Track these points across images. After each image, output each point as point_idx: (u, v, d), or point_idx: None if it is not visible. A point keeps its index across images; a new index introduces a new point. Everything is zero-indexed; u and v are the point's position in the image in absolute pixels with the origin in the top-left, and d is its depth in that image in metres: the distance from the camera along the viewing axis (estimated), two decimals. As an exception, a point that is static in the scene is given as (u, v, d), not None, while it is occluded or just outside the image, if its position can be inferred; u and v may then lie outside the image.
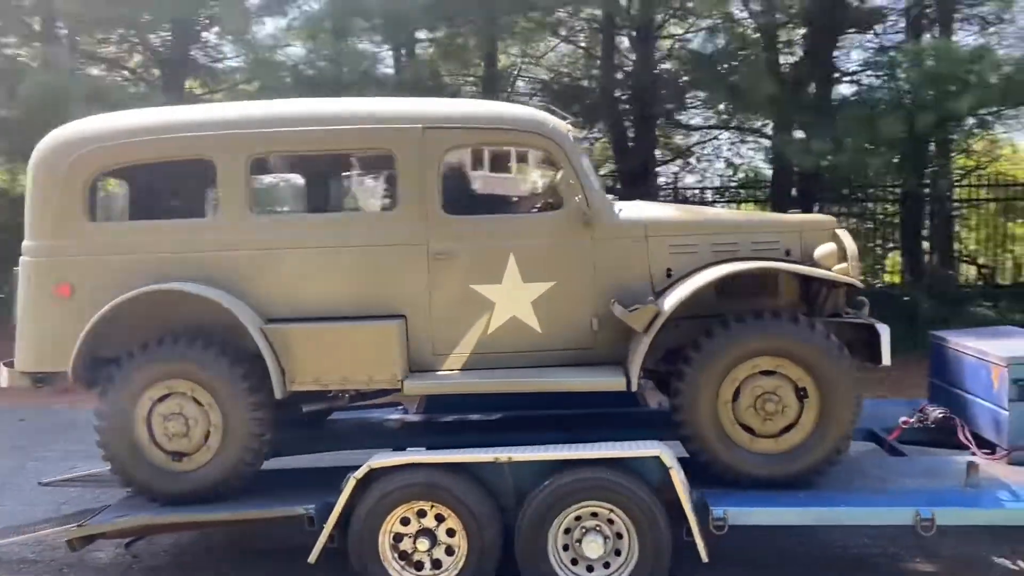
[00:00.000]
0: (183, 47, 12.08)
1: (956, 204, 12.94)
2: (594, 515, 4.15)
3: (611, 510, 4.12)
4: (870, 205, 13.51)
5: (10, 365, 4.98)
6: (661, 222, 4.67)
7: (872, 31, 12.39)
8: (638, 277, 4.58)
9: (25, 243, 4.73)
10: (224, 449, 4.46)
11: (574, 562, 4.17)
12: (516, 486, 4.21)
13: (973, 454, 4.72)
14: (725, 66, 11.65)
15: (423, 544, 4.16)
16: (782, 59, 11.88)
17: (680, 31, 13.18)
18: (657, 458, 4.08)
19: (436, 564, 4.21)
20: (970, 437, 4.85)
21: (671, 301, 4.27)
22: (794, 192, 12.40)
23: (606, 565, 4.15)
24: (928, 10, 11.68)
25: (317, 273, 4.54)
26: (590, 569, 4.16)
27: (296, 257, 4.54)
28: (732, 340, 4.25)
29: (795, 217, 5.03)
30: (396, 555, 4.21)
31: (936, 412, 5.10)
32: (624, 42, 13.00)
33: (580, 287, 4.55)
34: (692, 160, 14.83)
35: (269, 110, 4.77)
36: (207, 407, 4.46)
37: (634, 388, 4.32)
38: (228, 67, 13.03)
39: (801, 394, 4.29)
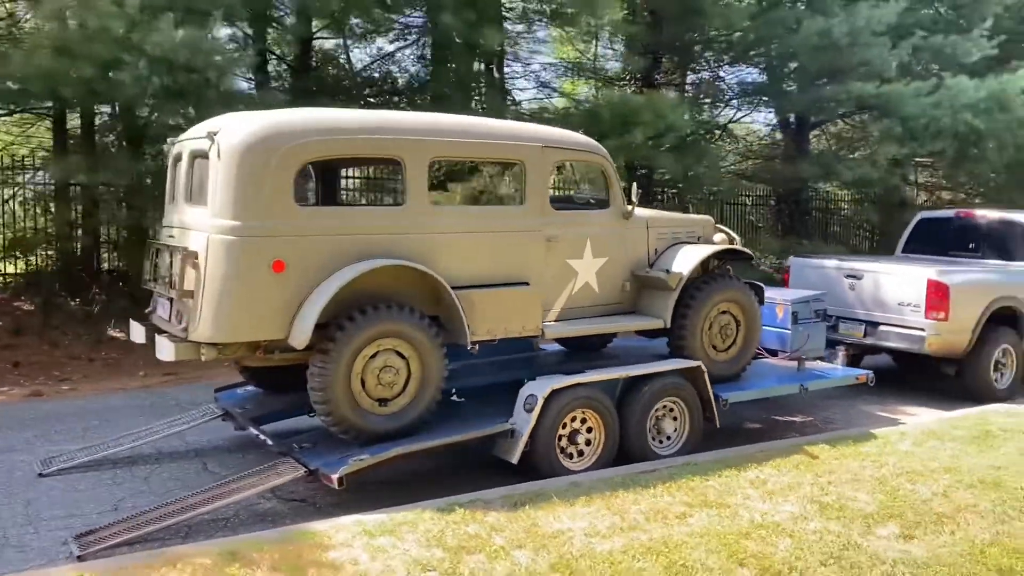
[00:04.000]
0: None
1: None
2: (664, 406, 6.45)
3: (675, 402, 6.47)
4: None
5: (177, 340, 5.27)
6: (653, 218, 7.08)
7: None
8: (642, 254, 6.93)
9: (227, 223, 5.12)
10: (422, 392, 5.62)
11: (653, 438, 6.41)
12: (620, 393, 6.27)
13: (766, 358, 8.10)
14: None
15: (580, 439, 5.99)
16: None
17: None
18: (696, 367, 6.56)
19: (580, 453, 6.06)
20: (762, 348, 8.23)
21: (687, 270, 6.72)
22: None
23: (668, 437, 6.49)
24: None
25: (473, 251, 5.91)
26: (661, 442, 6.45)
27: (460, 239, 5.85)
28: (712, 292, 6.89)
29: (699, 216, 7.79)
30: (559, 450, 5.95)
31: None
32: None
33: (620, 260, 6.72)
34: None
35: (443, 122, 5.90)
36: (409, 359, 5.55)
37: (668, 325, 6.68)
38: None
39: (737, 324, 7.13)
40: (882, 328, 9.05)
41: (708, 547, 4.56)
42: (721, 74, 17.87)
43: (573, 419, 6.01)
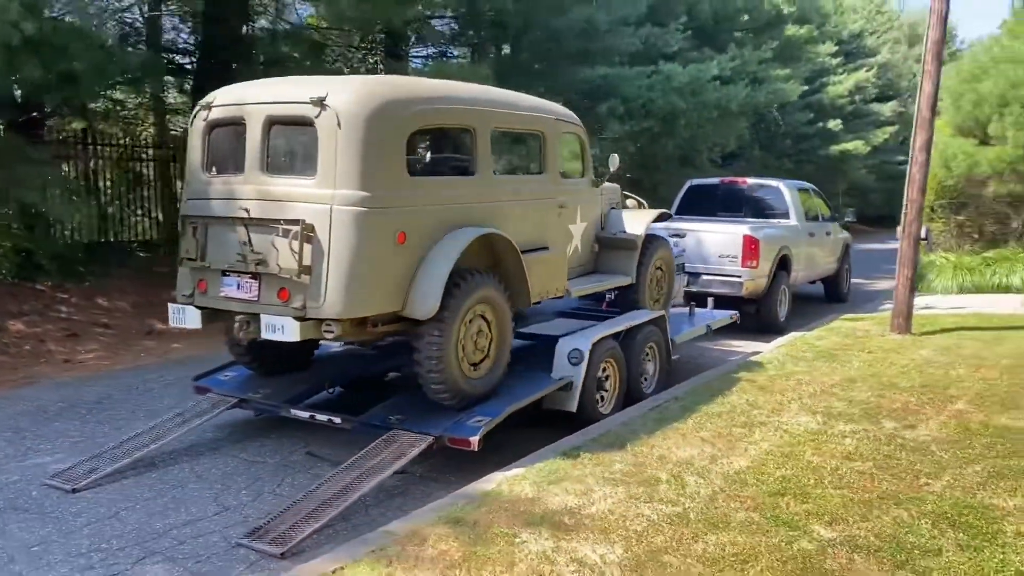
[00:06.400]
0: None
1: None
2: (645, 351, 7.33)
3: (650, 347, 7.39)
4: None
5: (300, 318, 5.00)
6: (603, 187, 7.83)
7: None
8: (598, 218, 7.70)
9: (354, 194, 4.94)
10: (499, 354, 5.89)
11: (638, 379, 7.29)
12: (621, 341, 7.03)
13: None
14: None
15: (607, 384, 6.66)
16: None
17: None
18: (662, 315, 7.54)
19: (602, 398, 6.72)
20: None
21: (642, 231, 7.63)
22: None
23: (646, 379, 7.40)
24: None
25: (519, 217, 6.24)
26: (644, 380, 7.33)
27: (512, 206, 6.15)
28: (654, 251, 7.90)
29: (614, 184, 8.63)
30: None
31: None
32: None
33: (591, 225, 7.43)
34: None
35: (495, 93, 6.03)
36: (491, 323, 5.79)
37: (635, 281, 7.55)
38: None
39: (664, 277, 8.23)
40: (704, 277, 10.80)
41: (808, 453, 5.61)
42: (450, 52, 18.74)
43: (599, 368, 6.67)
